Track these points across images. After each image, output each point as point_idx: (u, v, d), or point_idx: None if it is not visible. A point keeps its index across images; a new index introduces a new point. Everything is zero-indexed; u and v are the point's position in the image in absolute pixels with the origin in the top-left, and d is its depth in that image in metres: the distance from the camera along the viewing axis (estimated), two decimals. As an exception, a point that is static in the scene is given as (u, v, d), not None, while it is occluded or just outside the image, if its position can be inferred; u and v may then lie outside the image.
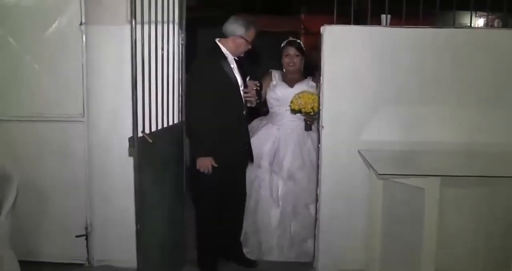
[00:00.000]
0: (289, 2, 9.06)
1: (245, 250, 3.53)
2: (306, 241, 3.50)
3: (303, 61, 3.61)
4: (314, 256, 3.33)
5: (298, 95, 3.39)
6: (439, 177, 2.46)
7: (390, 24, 3.21)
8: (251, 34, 3.17)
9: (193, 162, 3.15)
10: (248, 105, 3.27)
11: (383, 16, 3.15)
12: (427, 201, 2.51)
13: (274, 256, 3.52)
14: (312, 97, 3.31)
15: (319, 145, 3.22)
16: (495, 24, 5.22)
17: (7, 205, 2.76)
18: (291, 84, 3.61)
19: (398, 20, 3.23)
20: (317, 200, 3.26)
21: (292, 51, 3.58)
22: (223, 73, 3.13)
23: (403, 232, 2.75)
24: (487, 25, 5.36)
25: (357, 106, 3.17)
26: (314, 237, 3.31)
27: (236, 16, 3.19)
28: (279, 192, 3.53)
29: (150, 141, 2.63)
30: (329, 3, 3.21)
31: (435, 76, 3.14)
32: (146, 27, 2.70)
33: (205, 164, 3.09)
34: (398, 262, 2.82)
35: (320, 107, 3.18)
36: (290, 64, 3.58)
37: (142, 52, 2.62)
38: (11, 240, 2.81)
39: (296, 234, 3.52)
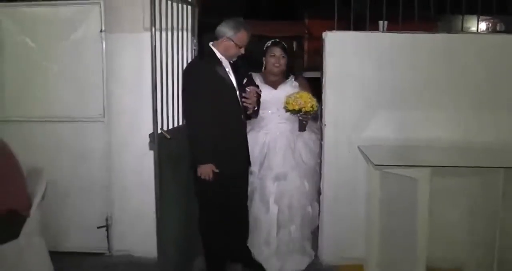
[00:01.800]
0: (293, 7, 9.27)
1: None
2: (306, 245, 3.49)
3: (287, 63, 3.52)
4: (317, 247, 3.53)
5: (295, 95, 3.32)
6: (429, 168, 2.70)
7: (389, 29, 3.39)
8: (241, 37, 3.04)
9: (195, 169, 3.09)
10: (246, 110, 3.17)
11: (381, 22, 3.38)
12: (419, 190, 2.74)
13: (273, 261, 3.40)
14: (310, 96, 3.31)
15: (322, 142, 3.45)
16: (498, 28, 5.41)
17: (38, 197, 3.02)
18: (274, 85, 3.51)
19: (398, 25, 3.40)
20: (319, 194, 3.47)
21: (278, 52, 3.47)
22: (217, 76, 3.04)
23: (399, 221, 2.97)
24: (489, 28, 5.57)
25: (357, 106, 3.38)
26: (318, 230, 3.47)
27: (228, 19, 3.10)
28: (272, 196, 3.42)
29: (168, 137, 2.89)
30: (332, 8, 3.39)
31: (429, 79, 3.35)
32: (163, 34, 2.95)
33: (206, 171, 3.02)
34: (395, 249, 3.03)
35: (322, 107, 3.35)
36: (276, 65, 3.47)
37: (161, 56, 2.88)
38: (41, 230, 3.09)
39: (295, 237, 3.44)
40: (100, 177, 3.60)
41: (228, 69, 3.13)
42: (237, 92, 3.13)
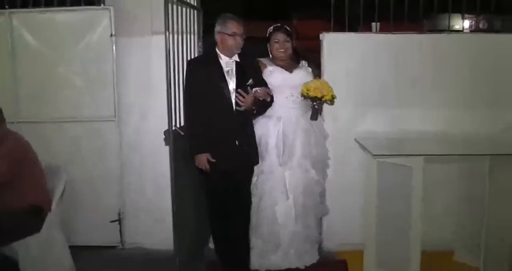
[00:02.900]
0: (281, 8, 9.48)
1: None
2: (320, 237, 3.52)
3: (293, 47, 3.43)
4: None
5: (316, 83, 3.26)
6: (423, 156, 2.94)
7: (381, 30, 3.64)
8: (229, 26, 3.11)
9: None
10: (237, 107, 3.14)
11: (373, 24, 3.63)
12: (414, 178, 2.97)
13: (282, 255, 3.38)
14: (330, 87, 3.27)
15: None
16: (481, 26, 5.62)
17: (57, 193, 3.22)
18: (288, 70, 3.41)
19: (392, 25, 3.63)
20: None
21: (281, 37, 3.38)
22: (207, 74, 3.11)
23: (395, 207, 3.15)
24: (472, 26, 5.79)
25: (352, 102, 3.60)
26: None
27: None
28: (288, 185, 3.36)
29: (182, 133, 3.10)
30: (319, 10, 3.65)
31: (419, 77, 3.59)
32: (174, 37, 3.13)
33: (202, 160, 3.11)
34: (391, 233, 3.20)
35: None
36: (281, 50, 3.38)
37: (173, 58, 3.09)
38: (61, 225, 3.27)
39: (308, 229, 3.42)
40: (112, 173, 3.78)
41: (230, 67, 3.17)
42: (231, 88, 3.15)
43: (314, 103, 3.29)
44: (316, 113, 3.36)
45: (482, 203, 3.13)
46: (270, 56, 3.46)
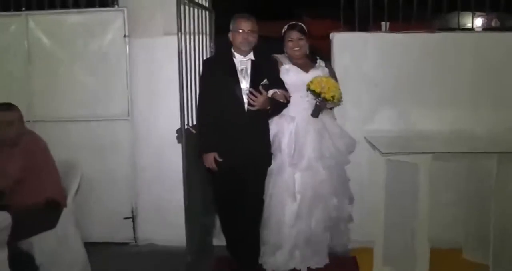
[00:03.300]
0: (291, 7, 9.50)
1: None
2: (328, 239, 3.41)
3: (308, 45, 3.39)
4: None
5: (322, 79, 3.23)
6: (430, 154, 2.98)
7: (391, 29, 3.69)
8: (237, 23, 3.12)
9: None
10: (249, 107, 3.11)
11: (383, 23, 3.67)
12: (421, 175, 3.00)
13: (288, 256, 3.34)
14: (337, 86, 3.23)
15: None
16: (493, 23, 5.59)
17: (73, 190, 3.31)
18: (305, 69, 3.37)
19: (403, 24, 3.67)
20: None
21: (295, 35, 3.34)
22: (220, 72, 3.13)
23: (403, 205, 3.17)
24: (484, 24, 5.77)
25: (362, 101, 3.64)
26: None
27: None
28: (296, 186, 3.31)
29: (194, 131, 3.17)
30: (329, 8, 3.68)
31: (427, 76, 3.62)
32: (186, 37, 3.20)
33: (209, 159, 3.13)
34: (399, 231, 3.22)
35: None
36: (295, 48, 3.34)
37: (185, 59, 3.16)
38: (76, 221, 3.34)
39: (318, 231, 3.35)
40: (126, 171, 3.86)
41: (244, 66, 3.15)
42: (243, 87, 3.13)
43: (316, 100, 3.25)
44: (317, 110, 3.29)
45: (489, 201, 3.15)
46: (285, 53, 3.43)
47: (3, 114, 3.06)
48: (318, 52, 3.53)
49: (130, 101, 3.80)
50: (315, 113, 3.29)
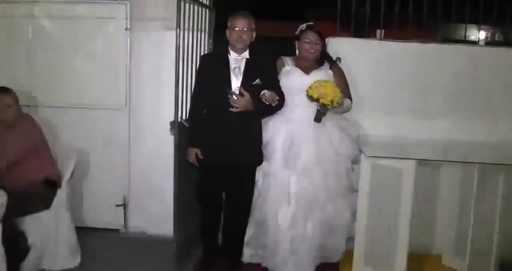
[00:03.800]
0: (297, 8, 9.55)
1: (250, 251, 3.46)
2: (324, 244, 3.34)
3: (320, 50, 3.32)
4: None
5: (320, 83, 3.13)
6: (414, 160, 3.07)
7: (393, 35, 3.72)
8: (233, 21, 3.12)
9: None
10: (230, 108, 3.08)
11: (378, 31, 3.75)
12: (404, 181, 3.10)
13: (282, 260, 3.30)
14: (335, 90, 3.12)
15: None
16: (496, 37, 5.66)
17: (68, 173, 3.44)
18: (306, 71, 3.31)
19: (402, 31, 3.73)
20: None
21: (313, 37, 3.25)
22: (213, 69, 3.16)
23: (385, 209, 3.25)
24: (488, 38, 5.84)
25: (354, 106, 3.63)
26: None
27: None
28: (291, 189, 3.25)
29: (187, 125, 3.27)
30: (334, 11, 3.70)
31: (418, 84, 3.70)
32: (185, 33, 3.31)
33: (190, 154, 3.19)
34: (381, 235, 3.29)
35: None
36: (311, 51, 3.27)
37: (182, 54, 3.25)
38: (69, 205, 3.45)
39: (312, 236, 3.29)
40: (120, 160, 3.95)
41: (237, 65, 3.14)
42: (233, 86, 3.12)
43: (317, 105, 3.18)
44: (318, 116, 3.21)
45: (470, 209, 3.25)
46: (297, 54, 3.36)
47: (1, 98, 3.17)
48: (327, 55, 3.46)
49: (128, 92, 3.88)
50: (317, 118, 3.22)
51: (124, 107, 3.90)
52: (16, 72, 3.89)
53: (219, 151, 3.14)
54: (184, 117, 3.38)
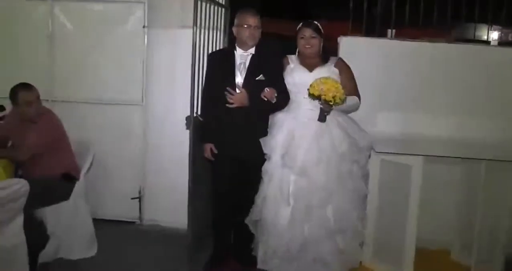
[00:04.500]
0: (306, 8, 9.61)
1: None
2: (322, 245, 3.21)
3: (322, 44, 3.31)
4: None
5: (321, 80, 3.07)
6: (422, 156, 3.15)
7: (408, 33, 3.79)
8: (241, 18, 3.17)
9: None
10: (227, 104, 3.15)
11: (389, 31, 3.82)
12: (413, 176, 3.18)
13: (282, 260, 3.25)
14: (336, 86, 3.05)
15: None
16: (510, 37, 5.66)
17: (86, 165, 3.54)
18: (310, 68, 3.28)
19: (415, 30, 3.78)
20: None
21: (308, 32, 3.25)
22: (220, 66, 3.22)
23: (395, 205, 3.34)
24: (501, 38, 5.85)
25: (365, 104, 3.64)
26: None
27: None
28: (290, 189, 3.19)
29: (201, 119, 3.37)
30: (343, 10, 3.79)
31: (427, 83, 3.77)
32: (201, 32, 3.40)
33: (206, 149, 3.29)
34: (390, 231, 3.39)
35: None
36: (307, 46, 3.25)
37: (199, 52, 3.35)
38: (86, 196, 3.56)
39: (310, 238, 3.19)
40: (137, 153, 4.07)
41: (242, 60, 3.20)
42: (237, 81, 3.19)
43: (319, 103, 3.12)
44: (322, 114, 3.16)
45: (477, 205, 3.31)
46: (298, 52, 3.36)
47: (24, 95, 3.28)
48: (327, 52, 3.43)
49: (144, 88, 3.99)
50: (321, 117, 3.17)
51: (141, 102, 4.02)
52: (36, 68, 4.01)
53: (230, 145, 3.23)
54: (199, 112, 3.48)
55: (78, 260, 3.44)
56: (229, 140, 3.23)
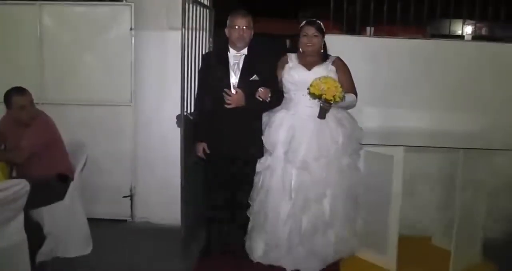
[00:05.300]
0: (290, 7, 9.71)
1: (250, 243, 3.46)
2: (317, 237, 3.31)
3: (323, 43, 3.38)
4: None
5: (321, 80, 3.14)
6: (403, 147, 3.31)
7: (385, 31, 3.94)
8: (232, 19, 3.24)
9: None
10: (225, 105, 3.22)
11: (368, 28, 3.98)
12: (395, 166, 3.33)
13: (281, 252, 3.33)
14: (336, 85, 3.12)
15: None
16: (483, 32, 5.85)
17: (80, 166, 3.61)
18: (308, 67, 3.34)
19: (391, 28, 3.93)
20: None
21: (310, 30, 3.29)
22: (213, 66, 3.29)
23: (377, 194, 3.47)
24: (474, 32, 6.04)
25: None
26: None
27: None
28: (292, 184, 3.28)
29: (191, 118, 3.48)
30: (324, 9, 3.91)
31: (408, 78, 3.93)
32: (188, 33, 3.47)
33: (198, 148, 3.35)
34: (373, 219, 3.53)
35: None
36: (308, 44, 3.30)
37: (187, 52, 3.45)
38: (80, 196, 3.62)
39: (307, 230, 3.30)
40: (127, 153, 4.15)
41: (236, 61, 3.27)
42: (232, 81, 3.26)
43: (319, 101, 3.19)
44: (322, 112, 3.23)
45: (456, 192, 3.48)
46: (300, 50, 3.39)
47: (17, 99, 3.33)
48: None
49: (133, 89, 4.07)
50: (321, 115, 3.24)
51: (130, 102, 4.10)
52: (26, 71, 4.07)
53: (223, 145, 3.31)
54: (188, 111, 3.58)
55: (72, 258, 3.49)
56: (223, 138, 3.30)
